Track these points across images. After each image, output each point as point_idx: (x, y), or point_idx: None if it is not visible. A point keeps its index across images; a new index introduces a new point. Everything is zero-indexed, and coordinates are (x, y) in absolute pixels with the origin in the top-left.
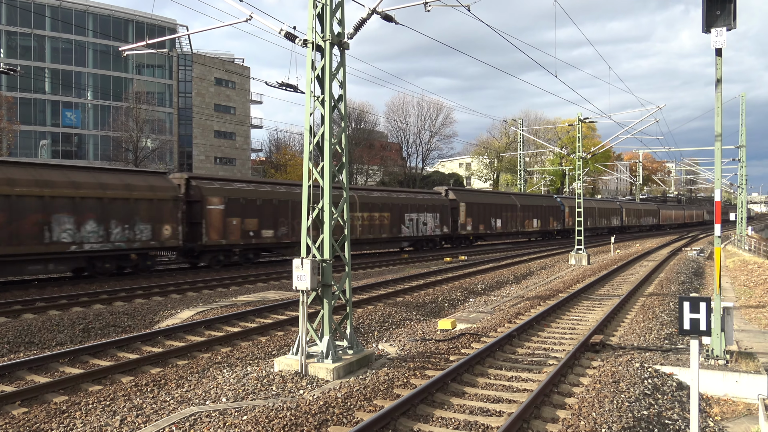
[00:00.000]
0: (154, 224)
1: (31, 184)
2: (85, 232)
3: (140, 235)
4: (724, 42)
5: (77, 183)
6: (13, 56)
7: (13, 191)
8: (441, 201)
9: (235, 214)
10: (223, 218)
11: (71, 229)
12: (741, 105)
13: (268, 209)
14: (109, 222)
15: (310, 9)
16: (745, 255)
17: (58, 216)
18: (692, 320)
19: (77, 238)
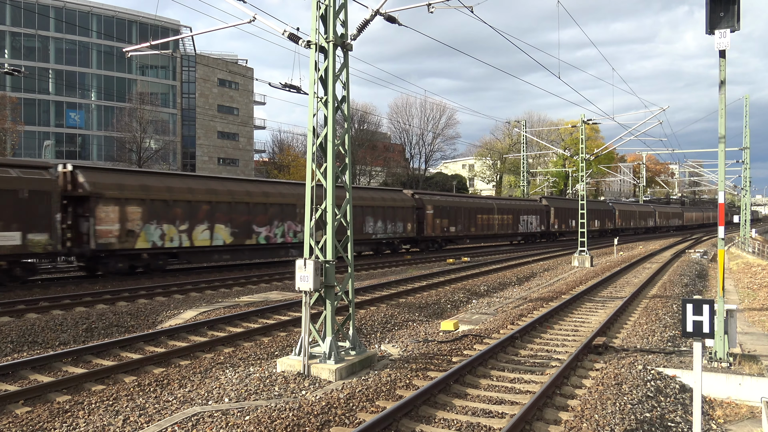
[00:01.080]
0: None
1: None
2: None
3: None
4: (728, 44)
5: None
6: (18, 57)
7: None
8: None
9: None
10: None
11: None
12: (745, 107)
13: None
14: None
15: (313, 10)
16: (748, 257)
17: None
18: (695, 322)
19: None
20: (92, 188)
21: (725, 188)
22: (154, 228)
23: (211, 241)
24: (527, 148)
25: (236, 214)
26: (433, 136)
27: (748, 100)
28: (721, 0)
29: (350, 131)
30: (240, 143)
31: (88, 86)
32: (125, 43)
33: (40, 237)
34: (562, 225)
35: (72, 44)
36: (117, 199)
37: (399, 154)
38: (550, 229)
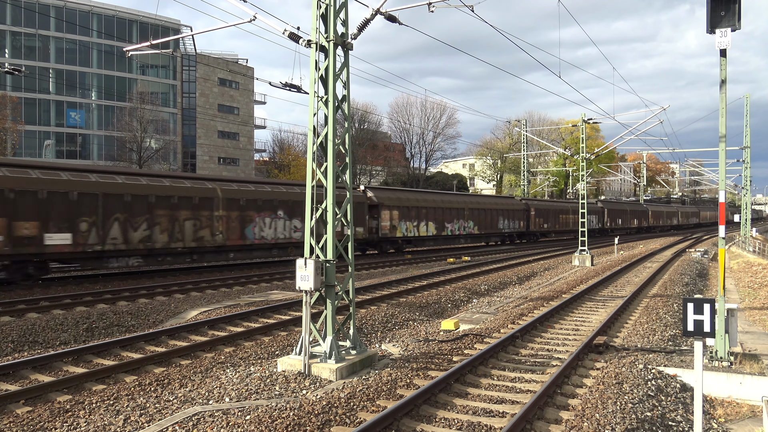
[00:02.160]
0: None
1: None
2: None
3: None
4: (729, 43)
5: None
6: (18, 56)
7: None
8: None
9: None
10: None
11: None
12: (745, 106)
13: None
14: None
15: (313, 9)
16: (749, 256)
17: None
18: (696, 322)
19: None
20: (378, 200)
21: (726, 187)
22: (403, 224)
23: (426, 232)
24: (528, 147)
25: (437, 215)
26: (434, 136)
27: (749, 99)
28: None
29: (351, 131)
30: (240, 143)
31: (89, 86)
32: (126, 42)
33: (359, 229)
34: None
35: (72, 44)
36: (389, 206)
37: (399, 154)
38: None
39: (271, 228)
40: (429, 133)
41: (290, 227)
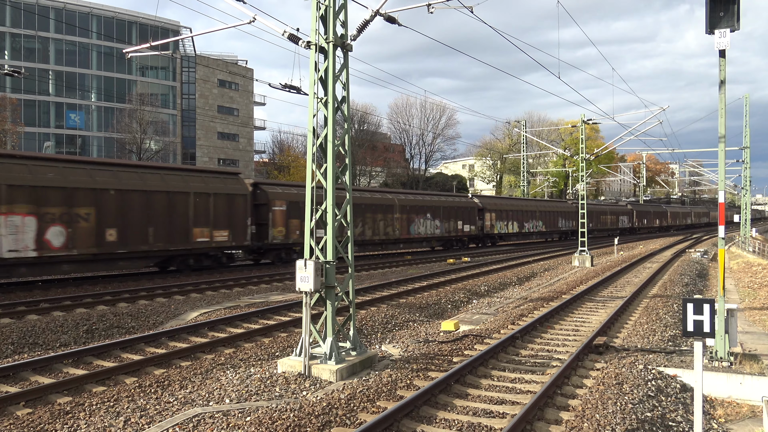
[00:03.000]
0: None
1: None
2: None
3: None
4: (728, 43)
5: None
6: (18, 58)
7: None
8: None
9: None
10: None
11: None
12: (745, 106)
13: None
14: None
15: (313, 11)
16: (749, 257)
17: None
18: (696, 322)
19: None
20: (483, 205)
21: (725, 188)
22: (498, 223)
23: (512, 229)
24: (527, 148)
25: (518, 216)
26: (433, 137)
27: (748, 99)
28: (720, 0)
29: (350, 132)
30: (240, 144)
31: (88, 87)
32: (125, 44)
33: (471, 227)
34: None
35: (72, 45)
36: (490, 210)
37: (399, 155)
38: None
39: (423, 226)
40: (428, 134)
41: (433, 225)
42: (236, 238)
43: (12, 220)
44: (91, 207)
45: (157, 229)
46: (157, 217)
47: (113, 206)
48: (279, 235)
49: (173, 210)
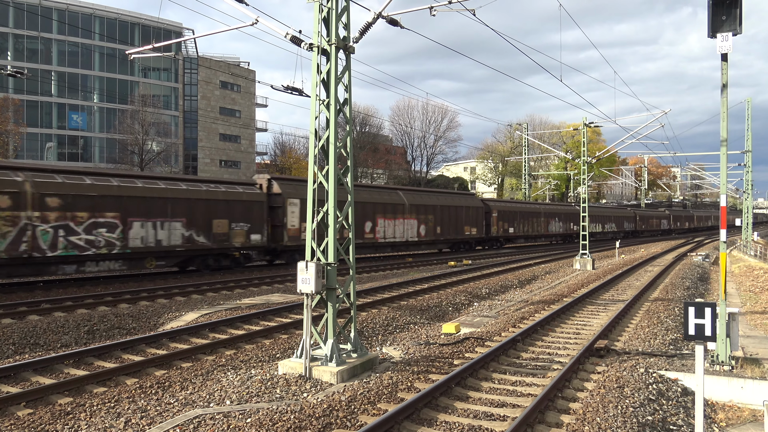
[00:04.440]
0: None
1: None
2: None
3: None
4: (730, 47)
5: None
6: (20, 59)
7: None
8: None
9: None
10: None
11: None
12: (747, 110)
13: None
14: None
15: (315, 13)
16: (750, 260)
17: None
18: (697, 325)
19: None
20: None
21: (727, 191)
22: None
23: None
24: (529, 150)
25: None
26: (435, 139)
27: (750, 103)
28: (723, 3)
29: (352, 134)
30: (242, 145)
31: (91, 88)
32: (127, 45)
33: (474, 230)
34: (642, 226)
35: (74, 46)
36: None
37: (401, 157)
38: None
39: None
40: (430, 137)
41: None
42: (479, 233)
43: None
44: (431, 214)
45: (446, 228)
46: (446, 221)
47: (442, 216)
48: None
49: (456, 217)
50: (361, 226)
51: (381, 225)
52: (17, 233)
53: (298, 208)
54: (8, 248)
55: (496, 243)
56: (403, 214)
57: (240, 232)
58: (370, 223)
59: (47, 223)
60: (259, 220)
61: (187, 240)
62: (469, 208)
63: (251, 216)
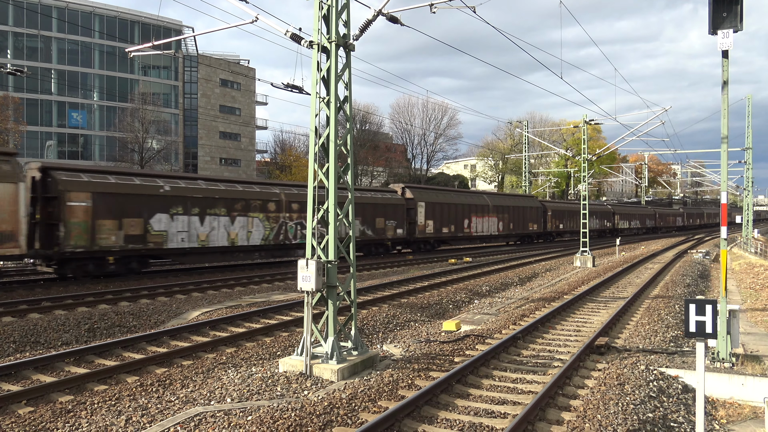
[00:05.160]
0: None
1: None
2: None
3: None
4: (731, 44)
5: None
6: (20, 57)
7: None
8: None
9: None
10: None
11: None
12: (747, 107)
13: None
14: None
15: (315, 11)
16: (751, 258)
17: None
18: (698, 323)
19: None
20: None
21: (728, 188)
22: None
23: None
24: (529, 148)
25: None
26: (435, 137)
27: (751, 100)
28: (723, 0)
29: (352, 131)
30: (242, 143)
31: (91, 86)
32: (127, 43)
33: (535, 226)
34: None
35: (74, 44)
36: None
37: (401, 155)
38: (656, 225)
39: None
40: (430, 134)
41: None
42: (539, 228)
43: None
44: (506, 214)
45: (516, 224)
46: (516, 219)
47: (513, 215)
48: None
49: (523, 216)
50: (461, 222)
51: (474, 222)
52: (278, 228)
53: (423, 209)
54: (274, 237)
55: (550, 236)
56: (488, 213)
57: (391, 227)
58: (467, 220)
59: (291, 221)
60: (401, 218)
61: (362, 233)
62: (531, 208)
63: (396, 215)
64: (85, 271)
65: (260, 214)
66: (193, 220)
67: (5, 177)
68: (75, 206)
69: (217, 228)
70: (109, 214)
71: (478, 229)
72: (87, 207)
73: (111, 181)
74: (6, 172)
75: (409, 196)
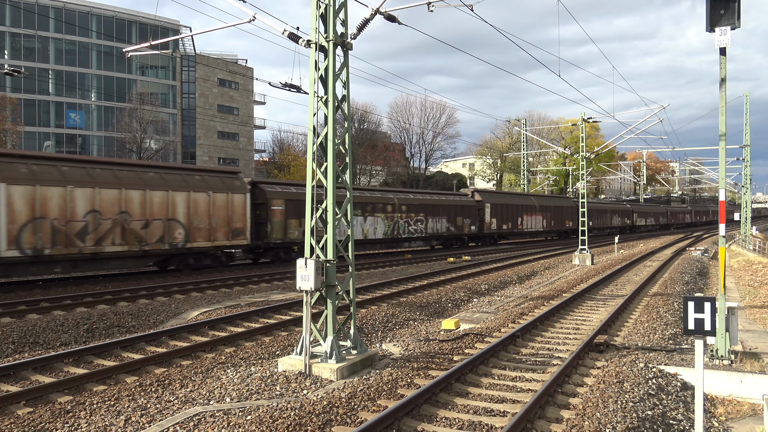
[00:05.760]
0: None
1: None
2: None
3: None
4: (728, 41)
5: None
6: (18, 58)
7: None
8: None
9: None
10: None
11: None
12: (745, 104)
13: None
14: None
15: (313, 9)
16: (749, 255)
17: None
18: (697, 320)
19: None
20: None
21: (726, 186)
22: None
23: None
24: (527, 146)
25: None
26: (434, 135)
27: (749, 97)
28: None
29: (351, 130)
30: (240, 143)
31: (88, 86)
32: (125, 43)
33: (570, 223)
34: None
35: (72, 45)
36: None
37: (399, 153)
38: (669, 222)
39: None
40: (429, 133)
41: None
42: (573, 224)
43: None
44: (549, 212)
45: (556, 222)
46: (556, 217)
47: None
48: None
49: (561, 214)
50: (516, 220)
51: (525, 220)
52: (393, 225)
53: (489, 209)
54: (390, 232)
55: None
56: (535, 212)
57: (467, 224)
58: (520, 218)
59: (402, 220)
60: (474, 217)
61: (447, 230)
62: (567, 207)
63: (470, 214)
64: (278, 257)
65: (381, 215)
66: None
67: (238, 190)
68: (276, 210)
69: (356, 225)
70: (295, 214)
71: (527, 225)
72: (282, 210)
73: (293, 191)
74: (238, 186)
75: (478, 198)
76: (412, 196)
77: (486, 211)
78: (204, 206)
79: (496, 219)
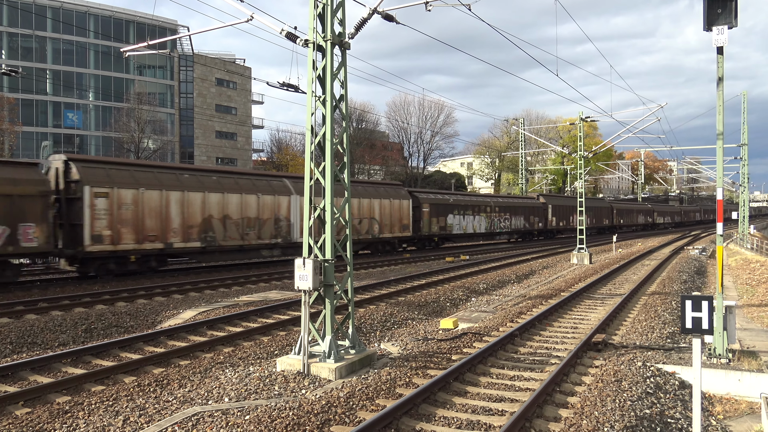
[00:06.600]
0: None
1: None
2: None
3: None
4: (726, 40)
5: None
6: (15, 57)
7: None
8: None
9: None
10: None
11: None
12: (743, 103)
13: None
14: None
15: (311, 9)
16: (747, 254)
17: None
18: (694, 319)
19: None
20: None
21: (724, 185)
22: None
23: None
24: (525, 145)
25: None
26: (432, 134)
27: (746, 96)
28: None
29: (348, 130)
30: (238, 143)
31: (86, 86)
32: (122, 43)
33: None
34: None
35: (69, 44)
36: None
37: (397, 153)
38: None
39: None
40: (427, 132)
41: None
42: (609, 223)
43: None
44: (590, 211)
45: (596, 219)
46: (596, 215)
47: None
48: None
49: (600, 213)
50: (569, 219)
51: (574, 218)
52: (490, 222)
53: (551, 209)
54: (488, 228)
55: (614, 230)
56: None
57: (536, 222)
58: (571, 217)
59: (495, 219)
60: (540, 216)
61: (523, 226)
62: (604, 208)
63: (538, 214)
64: (427, 245)
65: (483, 215)
66: (458, 218)
67: (404, 197)
68: (425, 211)
69: (468, 222)
70: (435, 215)
71: (576, 223)
72: (428, 211)
73: (432, 197)
74: (403, 194)
75: (543, 201)
76: (501, 200)
77: (549, 211)
78: (387, 209)
79: (555, 217)
